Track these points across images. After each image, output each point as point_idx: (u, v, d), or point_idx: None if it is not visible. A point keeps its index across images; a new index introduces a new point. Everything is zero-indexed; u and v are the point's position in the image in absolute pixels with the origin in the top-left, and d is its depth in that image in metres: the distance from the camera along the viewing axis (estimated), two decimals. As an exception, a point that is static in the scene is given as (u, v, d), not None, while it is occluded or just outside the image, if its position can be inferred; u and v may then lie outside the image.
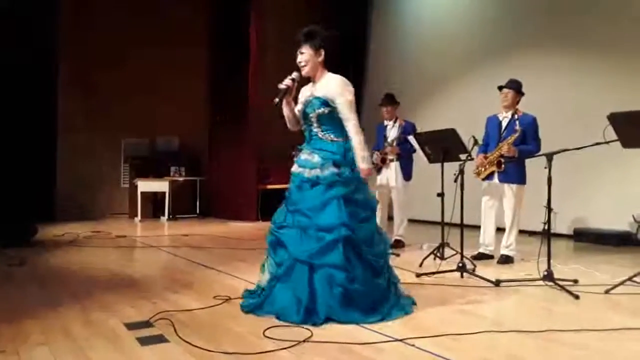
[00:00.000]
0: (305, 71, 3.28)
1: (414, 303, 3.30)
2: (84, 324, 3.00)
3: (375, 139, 6.02)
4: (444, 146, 4.65)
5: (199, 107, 9.90)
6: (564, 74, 6.90)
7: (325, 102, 3.22)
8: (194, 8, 9.75)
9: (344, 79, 3.26)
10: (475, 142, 4.65)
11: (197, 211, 9.67)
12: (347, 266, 3.01)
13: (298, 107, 3.38)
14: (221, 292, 3.64)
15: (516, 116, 4.92)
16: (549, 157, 3.85)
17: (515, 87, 4.96)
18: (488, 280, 3.98)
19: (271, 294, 3.15)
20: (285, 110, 3.36)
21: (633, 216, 6.01)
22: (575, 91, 6.75)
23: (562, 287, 3.74)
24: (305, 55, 3.25)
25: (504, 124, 4.99)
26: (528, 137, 4.83)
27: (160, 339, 2.71)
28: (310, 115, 3.27)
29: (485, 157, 4.96)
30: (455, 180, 4.28)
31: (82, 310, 3.28)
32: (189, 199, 9.60)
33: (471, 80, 8.13)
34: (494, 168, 4.89)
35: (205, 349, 2.54)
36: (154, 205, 9.19)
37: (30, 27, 8.27)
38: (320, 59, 3.27)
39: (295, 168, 3.32)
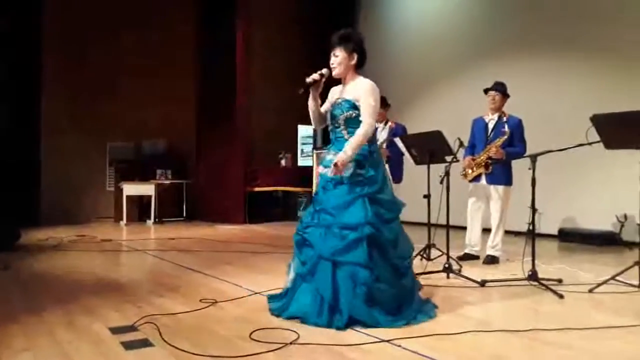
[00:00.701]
0: (335, 72, 3.30)
1: (435, 307, 3.31)
2: (68, 329, 2.96)
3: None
4: (430, 148, 4.67)
5: (187, 109, 9.85)
6: (547, 76, 6.99)
7: (353, 105, 3.23)
8: (182, 10, 9.71)
9: (372, 83, 3.26)
10: (461, 144, 4.68)
11: (184, 214, 9.62)
12: (370, 264, 3.00)
13: (326, 107, 3.39)
14: (207, 296, 3.62)
15: (504, 118, 4.96)
16: (533, 158, 3.89)
17: (502, 89, 5.00)
18: (474, 281, 4.01)
19: (295, 294, 3.14)
20: (311, 105, 3.36)
21: (616, 216, 6.09)
22: (558, 93, 6.84)
23: (547, 287, 3.78)
24: (338, 58, 3.27)
25: (490, 126, 5.03)
26: (514, 139, 4.88)
27: (145, 343, 2.68)
28: (339, 117, 3.28)
29: (473, 159, 5.00)
30: (441, 182, 4.31)
31: (66, 315, 3.24)
32: (175, 202, 9.55)
33: (457, 82, 8.19)
34: (481, 170, 4.93)
35: (190, 353, 2.52)
36: (139, 209, 9.13)
37: (14, 22, 8.15)
38: (353, 62, 3.28)
39: (321, 169, 3.34)
